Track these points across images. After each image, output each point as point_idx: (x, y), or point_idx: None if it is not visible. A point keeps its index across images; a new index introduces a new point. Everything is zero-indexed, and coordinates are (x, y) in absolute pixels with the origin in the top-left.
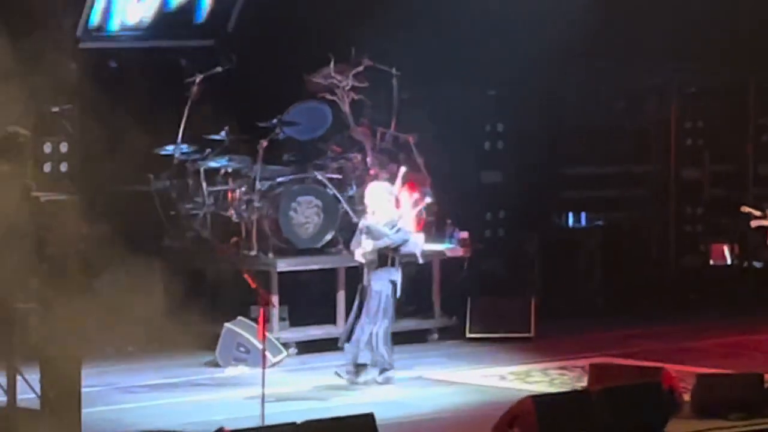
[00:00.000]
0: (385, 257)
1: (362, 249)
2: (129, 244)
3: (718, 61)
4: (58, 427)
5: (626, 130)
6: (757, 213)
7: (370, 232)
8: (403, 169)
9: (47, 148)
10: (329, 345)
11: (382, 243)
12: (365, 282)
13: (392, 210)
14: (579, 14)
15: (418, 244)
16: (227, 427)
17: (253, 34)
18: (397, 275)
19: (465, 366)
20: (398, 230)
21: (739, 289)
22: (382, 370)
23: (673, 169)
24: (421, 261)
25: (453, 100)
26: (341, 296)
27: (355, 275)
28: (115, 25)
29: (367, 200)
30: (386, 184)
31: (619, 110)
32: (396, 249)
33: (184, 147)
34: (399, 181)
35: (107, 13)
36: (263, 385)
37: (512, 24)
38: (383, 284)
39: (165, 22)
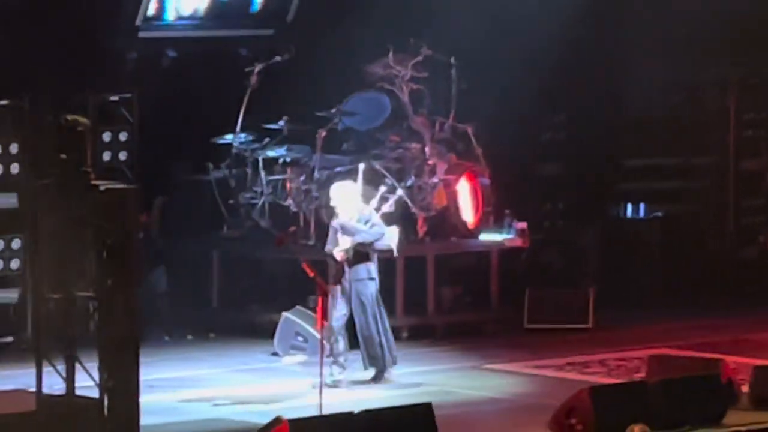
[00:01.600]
0: (361, 253)
1: (339, 247)
2: (187, 234)
3: None
4: (117, 414)
5: (686, 121)
6: None
7: (344, 230)
8: (362, 166)
9: (106, 137)
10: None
11: (359, 238)
12: (346, 279)
13: (359, 206)
14: (638, 6)
15: (394, 238)
16: (285, 417)
17: (312, 24)
18: (375, 271)
19: (523, 357)
20: (372, 225)
21: None
22: (377, 372)
23: (732, 160)
24: (396, 254)
25: (512, 91)
26: (400, 286)
27: (413, 265)
28: (170, 14)
29: (332, 201)
30: (348, 183)
31: (678, 102)
32: (371, 244)
33: (243, 136)
34: (360, 176)
35: (162, 2)
36: (321, 375)
37: (573, 15)
38: (362, 281)
39: (219, 12)
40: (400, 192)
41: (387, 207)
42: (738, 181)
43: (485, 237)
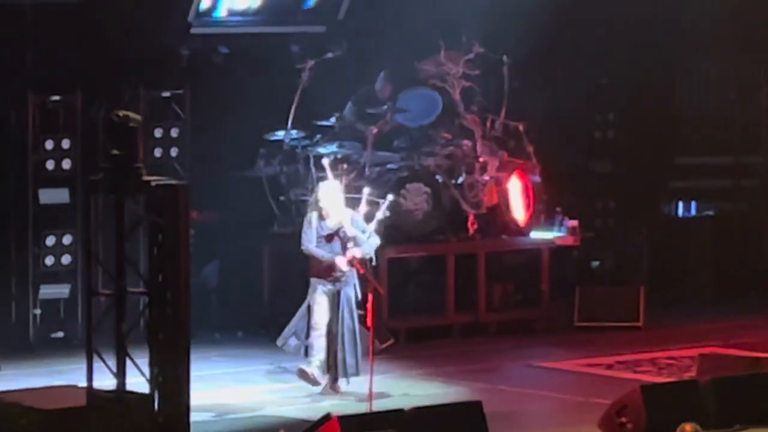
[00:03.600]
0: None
1: (349, 256)
2: (238, 230)
3: None
4: (167, 410)
5: (737, 120)
6: None
7: (355, 241)
8: (326, 161)
9: (158, 132)
10: (437, 333)
11: (369, 250)
12: (336, 284)
13: (343, 210)
14: (691, 4)
15: (375, 246)
16: (335, 414)
17: (364, 21)
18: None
19: (573, 354)
20: (370, 236)
21: None
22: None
23: None
24: (375, 263)
25: (563, 88)
26: (450, 284)
27: (464, 262)
28: (222, 11)
29: (323, 201)
30: (336, 183)
31: (729, 100)
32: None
33: (294, 133)
34: (329, 171)
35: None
36: (371, 372)
37: (625, 14)
38: (352, 286)
39: (272, 8)
40: (390, 197)
41: (381, 213)
42: None
43: (536, 235)
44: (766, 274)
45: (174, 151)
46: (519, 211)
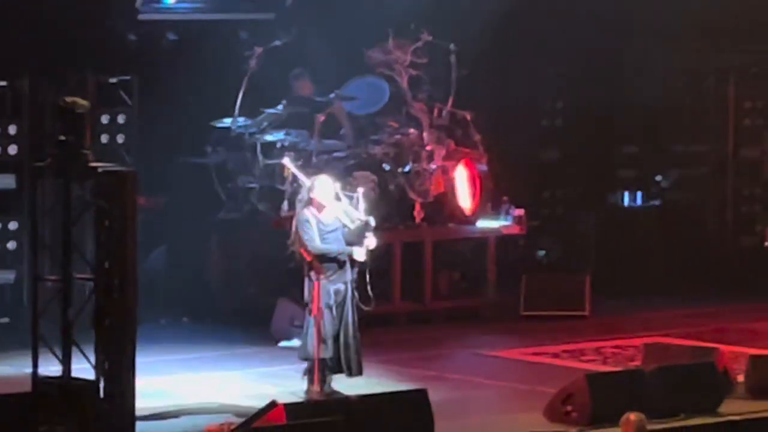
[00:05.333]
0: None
1: (365, 247)
2: (186, 217)
3: None
4: (112, 396)
5: (685, 109)
6: None
7: (368, 229)
8: (287, 160)
9: (105, 119)
10: (384, 320)
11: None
12: (343, 281)
13: (337, 203)
14: None
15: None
16: (280, 401)
17: (312, 8)
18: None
19: (519, 343)
20: (368, 222)
21: None
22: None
23: (731, 148)
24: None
25: (511, 77)
26: (397, 272)
27: (411, 251)
28: None
29: (320, 196)
30: (329, 177)
31: (678, 89)
32: None
33: (242, 120)
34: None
35: None
36: (317, 359)
37: (573, 3)
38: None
39: None
40: (360, 189)
41: (360, 204)
42: (737, 170)
43: (483, 223)
44: (712, 263)
45: (121, 138)
46: (465, 200)
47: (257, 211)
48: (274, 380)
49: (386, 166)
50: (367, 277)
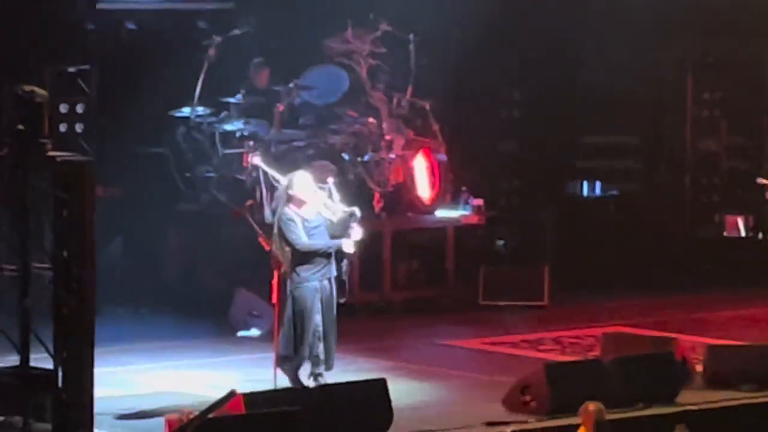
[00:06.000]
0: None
1: (353, 238)
2: (144, 207)
3: (737, 32)
4: (71, 386)
5: (643, 100)
6: None
7: (353, 221)
8: (257, 158)
9: (63, 108)
10: (342, 310)
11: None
12: (327, 277)
13: (317, 198)
14: None
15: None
16: (239, 390)
17: None
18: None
19: (477, 333)
20: (353, 215)
21: (753, 261)
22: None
23: (689, 140)
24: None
25: (470, 67)
26: (355, 261)
27: (369, 240)
28: None
29: (300, 192)
30: (307, 173)
31: (636, 80)
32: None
33: (200, 109)
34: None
35: None
36: (276, 349)
37: None
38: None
39: None
40: (331, 180)
41: (333, 196)
42: (695, 161)
43: (441, 213)
44: (669, 254)
45: (79, 127)
46: (424, 190)
47: (216, 201)
48: (232, 370)
49: (345, 156)
50: (343, 268)
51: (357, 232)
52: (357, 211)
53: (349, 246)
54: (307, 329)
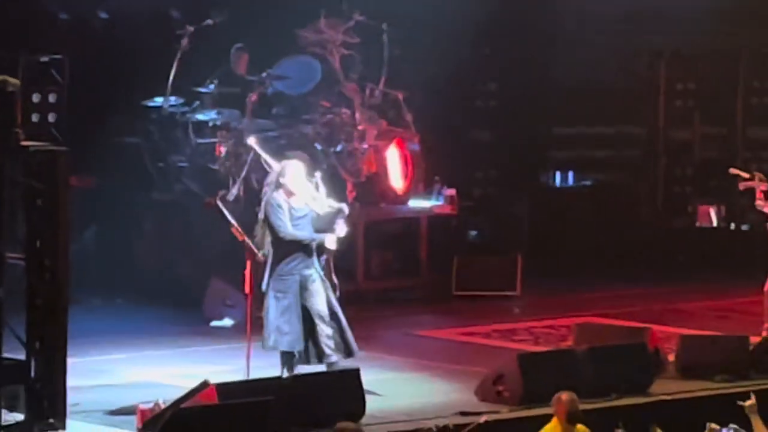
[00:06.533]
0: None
1: (336, 234)
2: (117, 196)
3: (710, 23)
4: (44, 377)
5: (617, 90)
6: (746, 175)
7: (341, 215)
8: (252, 139)
9: (36, 97)
10: None
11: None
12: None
13: (308, 188)
14: None
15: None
16: (212, 381)
17: None
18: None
19: (451, 323)
20: (341, 209)
21: (726, 251)
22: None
23: (662, 130)
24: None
25: (444, 57)
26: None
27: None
28: None
29: (291, 181)
30: (300, 162)
31: (610, 71)
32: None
33: (173, 99)
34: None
35: None
36: (249, 339)
37: None
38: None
39: None
40: (318, 173)
41: (320, 188)
42: (668, 151)
43: (414, 203)
44: (643, 244)
45: (52, 117)
46: (397, 180)
47: (189, 191)
48: (205, 360)
49: (318, 146)
50: (322, 263)
51: (342, 229)
52: (345, 207)
53: (331, 242)
54: (295, 322)
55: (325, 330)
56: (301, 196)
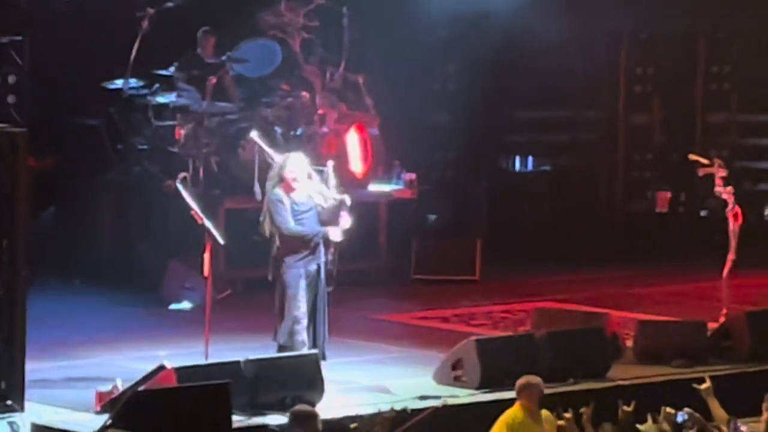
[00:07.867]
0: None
1: (341, 227)
2: (76, 178)
3: (670, 7)
4: (2, 357)
5: (576, 74)
6: (705, 161)
7: (344, 209)
8: (254, 133)
9: None
10: (275, 283)
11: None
12: (318, 261)
13: (310, 181)
14: None
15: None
16: (169, 364)
17: None
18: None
19: (409, 307)
20: (343, 201)
21: (685, 237)
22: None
23: (622, 114)
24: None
25: (404, 41)
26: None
27: None
28: None
29: (294, 174)
30: (302, 155)
31: (569, 54)
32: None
33: (133, 81)
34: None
35: None
36: (207, 322)
37: None
38: (322, 259)
39: None
40: (330, 163)
41: (330, 181)
42: (627, 136)
43: (374, 187)
44: (602, 229)
45: (12, 98)
46: (357, 164)
47: (148, 173)
48: (164, 343)
49: (278, 129)
50: (329, 257)
51: (346, 221)
52: (347, 198)
53: (336, 234)
54: (295, 315)
55: (307, 329)
56: (303, 189)
